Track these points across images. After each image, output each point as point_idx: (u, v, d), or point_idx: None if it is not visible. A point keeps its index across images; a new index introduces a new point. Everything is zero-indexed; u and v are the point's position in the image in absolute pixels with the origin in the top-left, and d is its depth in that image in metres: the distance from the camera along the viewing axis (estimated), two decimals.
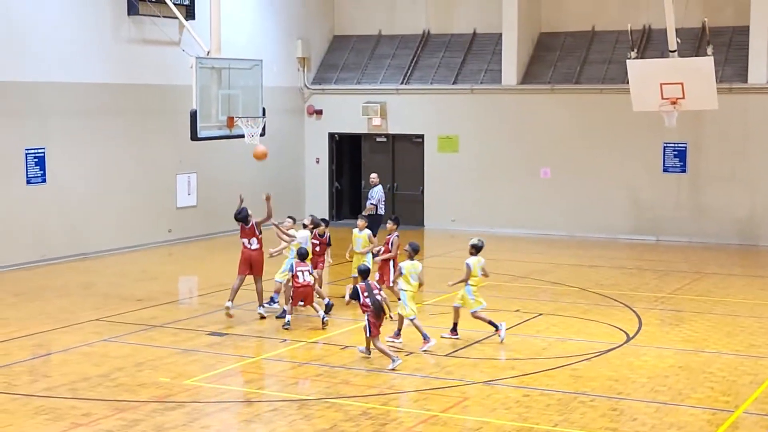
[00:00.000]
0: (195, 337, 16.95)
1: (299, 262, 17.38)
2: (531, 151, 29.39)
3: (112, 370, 14.85)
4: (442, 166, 30.50)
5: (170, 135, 26.29)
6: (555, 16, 30.31)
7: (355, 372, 14.84)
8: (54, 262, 23.87)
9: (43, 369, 15.26)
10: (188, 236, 27.62)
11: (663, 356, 15.77)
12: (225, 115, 19.97)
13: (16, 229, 23.25)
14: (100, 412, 12.96)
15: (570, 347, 16.32)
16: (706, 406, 13.29)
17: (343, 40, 32.64)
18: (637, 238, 28.25)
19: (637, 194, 28.43)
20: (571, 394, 13.74)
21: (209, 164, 27.94)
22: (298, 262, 17.37)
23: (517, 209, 29.53)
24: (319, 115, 32.02)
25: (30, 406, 13.14)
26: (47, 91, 23.82)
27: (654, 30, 28.18)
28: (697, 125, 27.13)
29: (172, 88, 25.67)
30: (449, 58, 30.98)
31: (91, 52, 24.84)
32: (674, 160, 27.88)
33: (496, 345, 16.36)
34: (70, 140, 24.46)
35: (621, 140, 28.34)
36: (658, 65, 22.25)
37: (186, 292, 22.62)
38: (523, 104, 29.57)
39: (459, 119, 30.28)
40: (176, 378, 14.44)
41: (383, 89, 31.14)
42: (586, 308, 19.24)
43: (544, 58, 29.97)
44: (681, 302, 19.96)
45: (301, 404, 13.34)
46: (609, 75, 28.68)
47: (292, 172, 31.51)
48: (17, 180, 23.28)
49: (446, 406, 13.28)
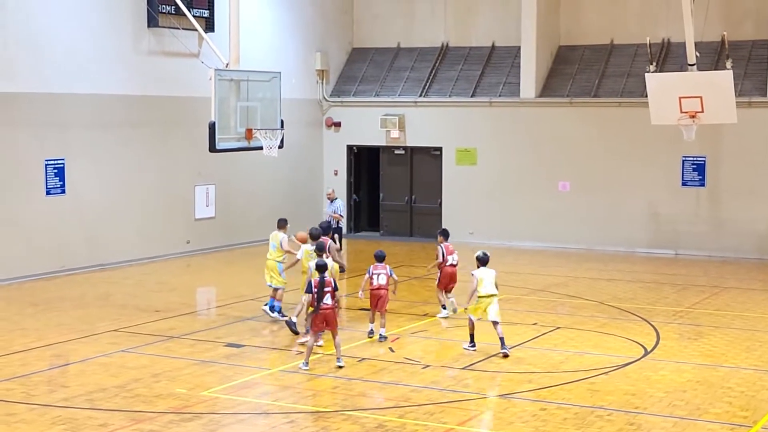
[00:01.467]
0: (212, 348, 16.97)
1: (377, 264, 17.48)
2: (549, 164, 29.35)
3: (130, 380, 14.88)
4: (460, 179, 30.49)
5: (189, 147, 26.37)
6: (574, 30, 30.29)
7: (371, 384, 14.82)
8: (73, 272, 23.96)
9: (61, 379, 15.30)
10: (206, 247, 27.67)
11: (681, 371, 15.70)
12: (243, 127, 20.01)
13: (35, 240, 23.36)
14: (117, 422, 12.98)
15: (587, 361, 16.27)
16: (725, 421, 13.22)
17: (362, 52, 32.71)
18: (655, 251, 28.16)
19: (656, 208, 28.35)
20: (588, 408, 13.69)
21: (228, 176, 28.00)
22: (376, 265, 17.47)
23: (535, 222, 29.47)
24: (337, 128, 32.07)
25: (47, 417, 13.18)
26: (67, 102, 23.94)
27: (673, 43, 28.14)
28: (716, 139, 27.05)
29: (191, 100, 25.76)
30: (468, 71, 31.00)
31: (111, 64, 24.96)
32: (693, 174, 27.79)
33: (514, 359, 16.31)
34: (90, 151, 24.57)
35: (639, 153, 28.27)
36: (677, 79, 22.18)
37: (204, 304, 22.65)
38: (542, 117, 29.54)
39: (477, 132, 30.27)
40: (193, 389, 14.46)
41: (402, 102, 31.17)
42: (603, 322, 19.18)
43: (563, 71, 29.95)
44: (699, 316, 19.87)
45: (317, 416, 13.33)
46: (628, 88, 28.63)
47: (311, 185, 31.54)
48: (37, 191, 23.39)
49: (463, 419, 13.25)
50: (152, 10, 25.30)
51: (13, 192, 22.98)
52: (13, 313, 19.75)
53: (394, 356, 16.35)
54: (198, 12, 25.91)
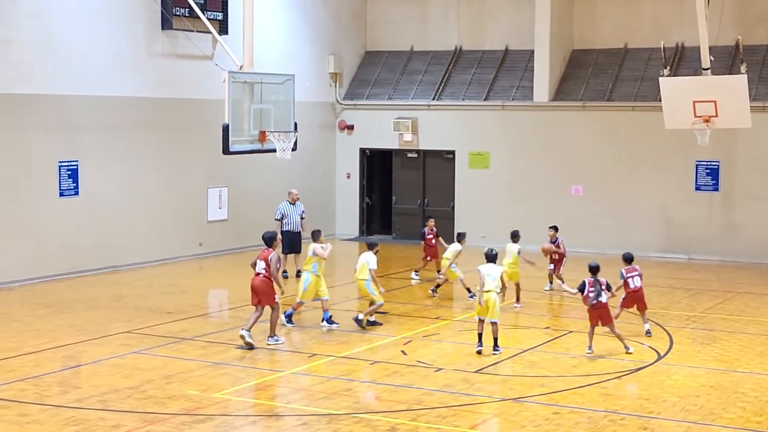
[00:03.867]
0: (224, 350, 16.98)
1: (629, 267, 18.03)
2: (562, 168, 29.31)
3: (142, 382, 14.90)
4: (472, 183, 30.46)
5: (202, 149, 26.40)
6: (587, 33, 30.25)
7: (383, 387, 14.81)
8: (85, 274, 24.01)
9: (74, 380, 15.33)
10: (219, 250, 27.70)
11: (694, 375, 15.65)
12: (257, 130, 20.01)
13: (48, 241, 23.42)
14: (130, 424, 13.00)
15: (600, 365, 16.23)
16: (738, 426, 13.17)
17: (375, 55, 32.72)
18: (668, 256, 28.09)
19: (669, 212, 28.28)
20: (600, 412, 13.66)
21: (240, 178, 28.03)
22: (629, 268, 18.02)
23: (547, 226, 29.34)
24: (350, 131, 32.08)
25: (60, 417, 13.20)
26: (81, 105, 24.00)
27: (687, 48, 28.08)
28: (730, 143, 26.98)
29: (204, 102, 25.80)
30: (481, 75, 30.98)
31: (125, 66, 25.02)
32: (706, 179, 27.72)
33: (526, 362, 16.30)
34: (103, 153, 24.63)
35: (653, 158, 28.21)
36: (691, 83, 22.15)
37: (216, 306, 22.68)
38: (555, 121, 29.50)
39: (490, 136, 30.25)
40: (205, 391, 14.47)
41: (415, 105, 31.17)
42: (616, 326, 19.09)
43: (576, 75, 29.91)
44: (713, 321, 19.81)
45: (330, 419, 13.32)
46: (641, 92, 28.58)
47: (323, 187, 31.56)
48: (50, 192, 23.45)
49: (475, 423, 13.24)
50: (166, 13, 25.35)
51: (27, 193, 23.05)
52: (25, 315, 19.80)
53: (406, 359, 16.35)
54: (212, 14, 25.93)
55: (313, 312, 19.38)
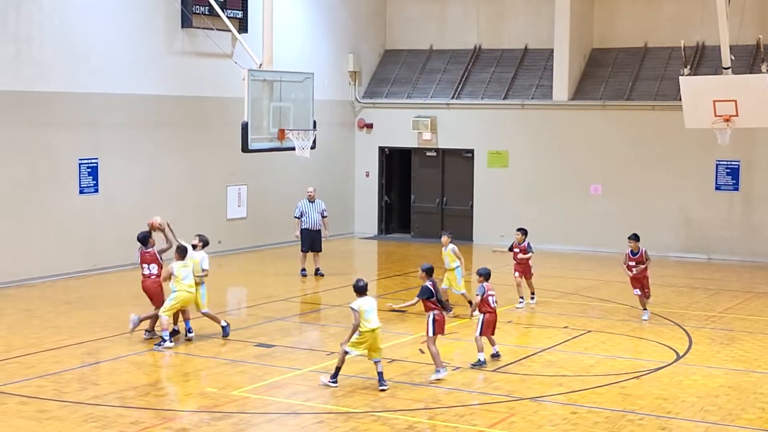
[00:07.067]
0: (243, 348, 17.03)
1: (488, 285, 16.05)
2: (581, 167, 29.24)
3: (161, 379, 14.95)
4: (491, 182, 30.43)
5: (221, 147, 26.45)
6: (607, 32, 30.17)
7: (401, 386, 14.81)
8: (105, 271, 24.10)
9: (93, 377, 15.38)
10: (238, 248, 27.76)
11: (713, 376, 15.60)
12: (276, 128, 20.04)
13: (68, 238, 23.52)
14: (148, 420, 13.05)
15: (619, 365, 16.19)
16: (757, 427, 13.12)
17: (394, 54, 32.72)
18: (688, 256, 28.00)
19: (689, 212, 28.18)
20: (619, 412, 13.63)
21: (260, 176, 28.08)
22: (488, 286, 16.05)
23: (566, 225, 29.37)
24: (369, 129, 32.10)
25: (79, 414, 13.26)
26: (101, 103, 24.09)
27: (707, 47, 27.97)
28: (751, 143, 26.86)
29: (224, 101, 25.86)
30: (500, 74, 30.94)
31: (145, 64, 25.10)
32: (727, 178, 27.61)
33: (545, 361, 16.27)
34: (123, 151, 24.72)
35: (673, 157, 28.11)
36: (711, 82, 22.05)
37: (234, 303, 22.70)
38: (574, 120, 29.44)
39: (509, 134, 30.21)
40: (224, 388, 14.51)
41: (434, 104, 31.16)
42: (635, 326, 19.09)
43: (596, 74, 29.84)
44: (732, 321, 19.73)
45: (347, 417, 13.34)
46: (661, 91, 28.49)
47: (342, 186, 31.58)
48: (70, 189, 23.56)
49: (493, 422, 13.22)
50: (186, 11, 25.41)
51: (47, 191, 23.15)
52: (46, 311, 19.90)
53: (424, 358, 16.33)
54: (232, 13, 25.99)
55: (331, 311, 19.40)
